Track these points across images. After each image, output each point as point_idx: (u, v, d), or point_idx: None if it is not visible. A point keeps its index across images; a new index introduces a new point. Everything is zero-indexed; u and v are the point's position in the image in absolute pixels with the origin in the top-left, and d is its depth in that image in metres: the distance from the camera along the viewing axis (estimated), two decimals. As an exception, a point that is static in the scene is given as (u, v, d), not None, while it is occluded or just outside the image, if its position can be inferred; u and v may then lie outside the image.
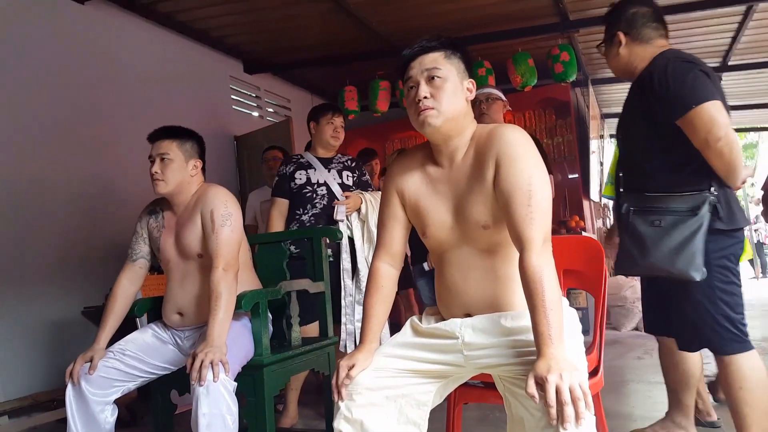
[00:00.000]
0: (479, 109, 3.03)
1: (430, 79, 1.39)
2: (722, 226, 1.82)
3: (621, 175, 2.04)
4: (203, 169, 2.16)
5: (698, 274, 1.78)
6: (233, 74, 5.30)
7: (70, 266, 3.59)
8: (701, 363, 2.14)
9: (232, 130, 5.20)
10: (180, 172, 2.07)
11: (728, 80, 6.62)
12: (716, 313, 1.82)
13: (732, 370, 1.81)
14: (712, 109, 1.73)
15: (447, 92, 1.39)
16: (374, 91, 5.41)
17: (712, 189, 1.81)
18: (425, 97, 1.38)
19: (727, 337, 1.82)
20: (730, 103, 1.86)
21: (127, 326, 2.25)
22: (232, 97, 5.31)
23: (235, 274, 1.96)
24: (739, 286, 1.88)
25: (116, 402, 2.00)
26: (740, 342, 1.82)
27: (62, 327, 3.50)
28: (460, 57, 1.44)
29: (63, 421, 2.86)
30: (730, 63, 6.02)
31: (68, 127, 3.67)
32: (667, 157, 1.87)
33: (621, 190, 2.00)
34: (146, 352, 2.04)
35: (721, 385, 1.97)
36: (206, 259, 2.02)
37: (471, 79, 1.46)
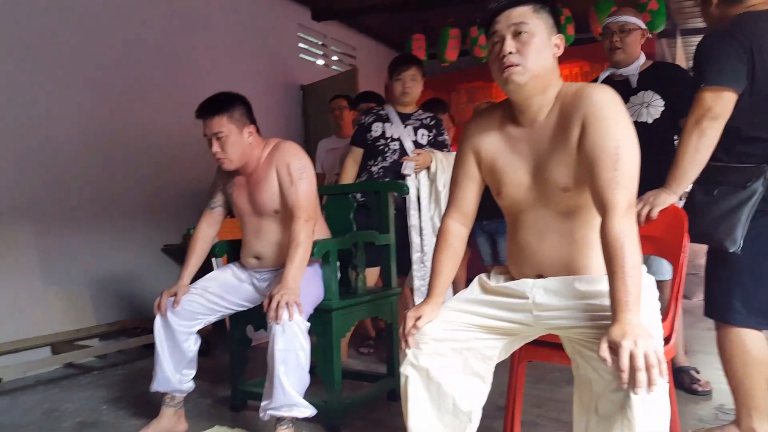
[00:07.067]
0: (610, 42, 2.57)
1: (517, 34, 1.33)
2: None
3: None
4: (257, 129, 2.17)
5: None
6: (301, 22, 5.32)
7: (151, 210, 3.88)
8: None
9: (298, 79, 5.25)
10: (239, 144, 2.09)
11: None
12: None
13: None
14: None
15: (534, 48, 1.33)
16: (443, 39, 5.24)
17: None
18: (510, 53, 1.33)
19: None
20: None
21: (204, 267, 2.42)
22: (299, 45, 5.34)
23: (314, 224, 2.07)
24: None
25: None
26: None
27: (145, 262, 3.81)
28: (549, 11, 1.37)
29: (147, 347, 3.15)
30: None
31: (145, 80, 3.85)
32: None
33: None
34: (226, 290, 2.21)
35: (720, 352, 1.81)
36: (283, 214, 2.12)
37: (560, 35, 1.40)
